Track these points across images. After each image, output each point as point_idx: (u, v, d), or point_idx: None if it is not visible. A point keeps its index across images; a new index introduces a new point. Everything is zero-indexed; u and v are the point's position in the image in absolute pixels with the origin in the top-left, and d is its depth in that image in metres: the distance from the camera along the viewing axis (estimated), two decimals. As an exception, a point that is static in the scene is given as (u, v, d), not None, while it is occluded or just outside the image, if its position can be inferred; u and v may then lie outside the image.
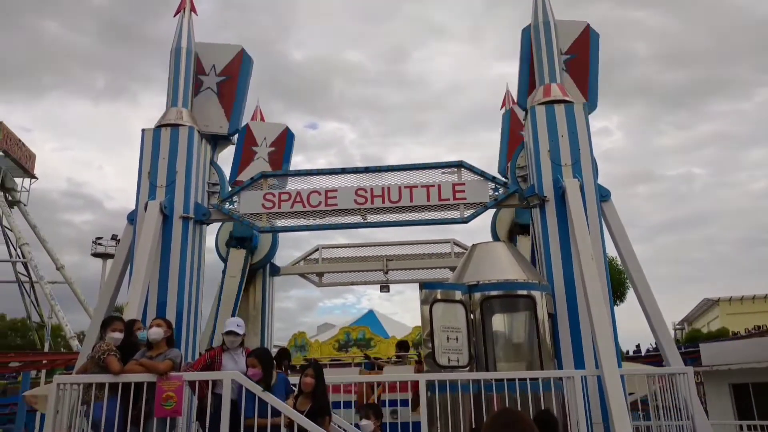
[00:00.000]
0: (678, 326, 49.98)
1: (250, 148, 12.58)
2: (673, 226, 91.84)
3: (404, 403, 8.39)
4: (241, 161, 12.44)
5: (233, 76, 10.16)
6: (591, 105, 9.69)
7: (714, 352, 13.84)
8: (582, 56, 9.96)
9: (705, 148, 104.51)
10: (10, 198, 36.82)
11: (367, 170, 9.77)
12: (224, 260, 13.19)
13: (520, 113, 12.83)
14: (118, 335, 6.48)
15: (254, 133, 12.79)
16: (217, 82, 10.12)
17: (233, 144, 11.03)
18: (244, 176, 11.45)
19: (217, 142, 10.23)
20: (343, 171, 9.80)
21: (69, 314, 35.84)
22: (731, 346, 14.71)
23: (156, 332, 6.34)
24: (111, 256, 37.52)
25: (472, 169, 9.51)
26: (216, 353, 6.71)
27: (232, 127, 10.05)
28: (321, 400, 6.18)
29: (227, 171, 10.81)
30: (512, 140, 12.89)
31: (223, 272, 13.17)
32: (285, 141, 12.94)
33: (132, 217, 9.20)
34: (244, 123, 14.42)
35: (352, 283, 15.03)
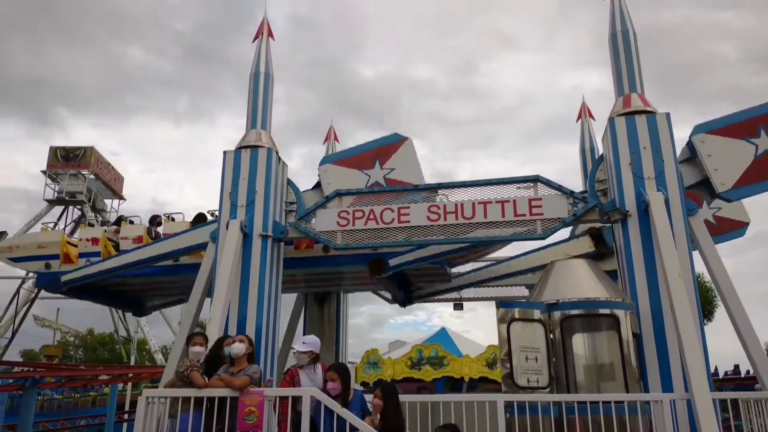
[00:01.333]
0: (772, 347, 46.72)
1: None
2: (765, 240, 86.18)
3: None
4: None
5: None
6: None
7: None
8: None
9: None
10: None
11: (440, 186, 9.73)
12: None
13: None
14: (200, 349, 6.72)
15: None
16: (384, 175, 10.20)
17: None
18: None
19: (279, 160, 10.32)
20: (416, 188, 9.80)
21: (153, 329, 37.57)
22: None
23: (238, 347, 6.53)
24: (191, 273, 39.06)
25: (548, 183, 9.28)
26: (293, 372, 6.82)
27: None
28: (391, 420, 6.13)
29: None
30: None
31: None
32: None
33: (214, 236, 9.55)
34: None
35: (425, 300, 14.94)
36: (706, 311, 25.65)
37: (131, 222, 12.78)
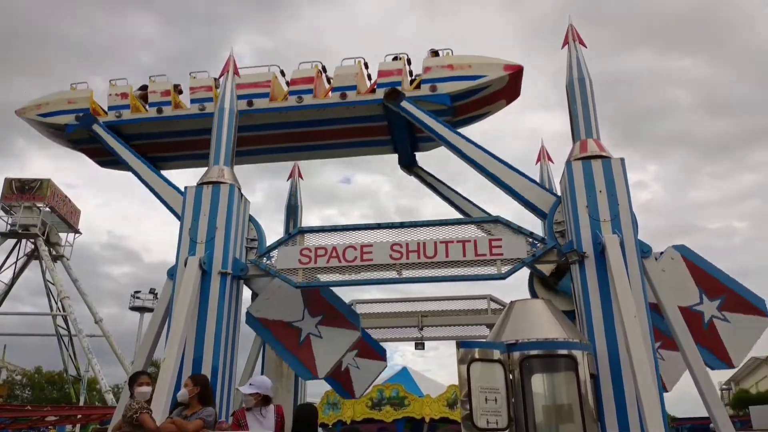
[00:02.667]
0: (725, 386, 47.71)
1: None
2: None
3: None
4: None
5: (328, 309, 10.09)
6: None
7: (765, 415, 13.12)
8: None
9: (746, 200, 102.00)
10: (54, 252, 37.96)
11: (402, 225, 9.81)
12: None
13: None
14: (146, 389, 6.50)
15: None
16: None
17: None
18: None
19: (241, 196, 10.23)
20: (379, 226, 9.86)
21: (105, 368, 36.25)
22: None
23: (182, 393, 6.41)
24: (149, 309, 38.10)
25: (508, 224, 9.46)
26: (239, 415, 6.62)
27: None
28: None
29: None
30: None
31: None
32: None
33: (172, 273, 9.37)
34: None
35: (386, 340, 14.83)
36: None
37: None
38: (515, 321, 8.30)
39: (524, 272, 11.42)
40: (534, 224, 11.17)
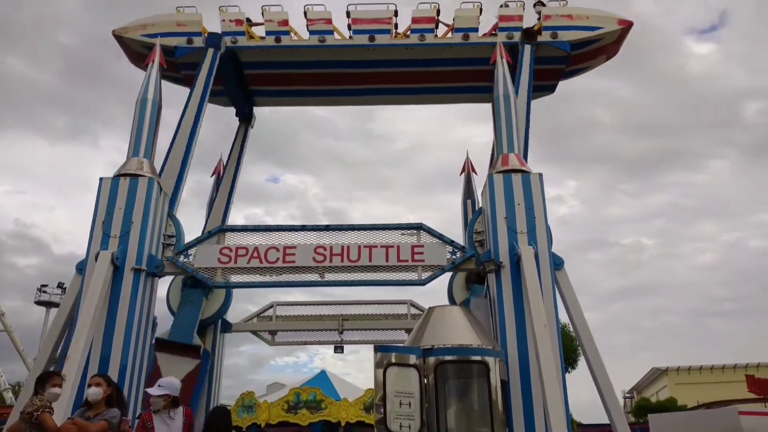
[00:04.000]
0: (627, 395, 50.32)
1: None
2: (624, 295, 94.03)
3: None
4: None
5: None
6: None
7: (662, 423, 13.98)
8: None
9: (656, 218, 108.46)
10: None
11: (327, 228, 9.80)
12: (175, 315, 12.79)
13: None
14: (58, 391, 6.15)
15: None
16: None
17: None
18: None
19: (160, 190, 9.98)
20: (303, 228, 9.80)
21: (5, 364, 34.04)
22: (678, 417, 14.89)
23: (95, 392, 6.03)
24: (56, 304, 36.09)
25: (431, 232, 9.65)
26: (146, 418, 6.37)
27: None
28: None
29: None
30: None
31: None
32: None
33: (81, 267, 8.95)
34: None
35: (306, 343, 14.74)
36: (570, 360, 27.24)
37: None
38: (432, 327, 8.45)
39: (444, 278, 11.68)
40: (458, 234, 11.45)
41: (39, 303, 40.84)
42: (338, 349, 14.14)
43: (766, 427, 11.56)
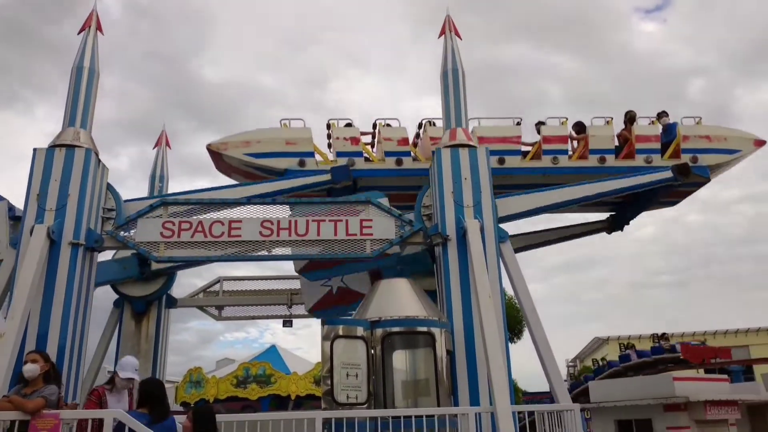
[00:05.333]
0: (571, 363, 52.25)
1: None
2: (569, 268, 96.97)
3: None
4: None
5: None
6: None
7: (601, 389, 14.56)
8: None
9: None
10: None
11: (274, 202, 9.67)
12: (118, 292, 12.48)
13: None
14: (32, 366, 5.96)
15: None
16: None
17: None
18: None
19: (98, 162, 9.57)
20: (249, 201, 9.65)
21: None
22: (617, 384, 15.55)
23: (31, 369, 5.85)
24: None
25: (379, 205, 9.65)
26: (101, 392, 6.27)
27: None
28: None
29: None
30: None
31: (117, 304, 12.46)
32: None
33: (15, 242, 8.58)
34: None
35: (254, 317, 14.66)
36: (515, 330, 28.04)
37: (388, 125, 11.33)
38: (379, 299, 8.55)
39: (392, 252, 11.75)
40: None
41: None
42: (287, 323, 14.16)
43: (698, 392, 12.20)
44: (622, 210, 12.68)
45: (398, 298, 8.51)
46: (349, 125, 11.39)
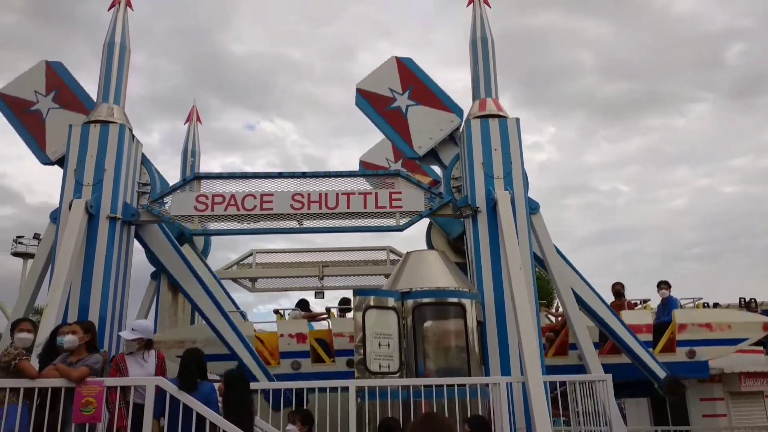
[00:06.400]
0: (602, 335, 51.90)
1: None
2: (600, 240, 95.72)
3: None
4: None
5: (62, 86, 10.02)
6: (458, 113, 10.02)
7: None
8: (418, 85, 10.19)
9: (633, 163, 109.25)
10: None
11: (305, 175, 9.74)
12: (156, 265, 12.75)
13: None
14: (26, 335, 6.22)
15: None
16: (53, 99, 9.99)
17: None
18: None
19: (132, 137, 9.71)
20: (281, 175, 9.74)
21: (-17, 317, 33.80)
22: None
23: (71, 340, 6.08)
24: (32, 255, 35.69)
25: (408, 178, 9.66)
26: (119, 360, 6.46)
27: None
28: (234, 408, 5.99)
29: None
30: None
31: (154, 276, 12.76)
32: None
33: (55, 216, 8.83)
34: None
35: (287, 289, 14.86)
36: (546, 302, 27.90)
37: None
38: (410, 271, 8.61)
39: (423, 225, 11.78)
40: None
41: (15, 254, 40.42)
42: (319, 294, 14.31)
43: (733, 364, 12.01)
44: None
45: (428, 270, 8.55)
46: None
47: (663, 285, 10.84)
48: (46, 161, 9.74)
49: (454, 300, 8.14)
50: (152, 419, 5.93)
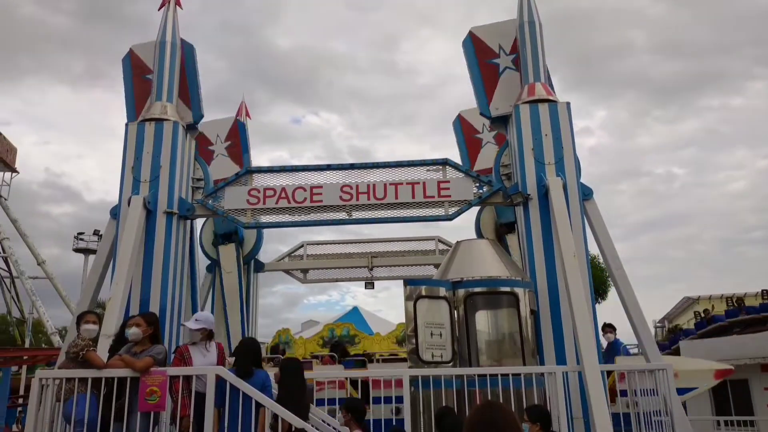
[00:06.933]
0: (659, 324, 50.52)
1: (206, 148, 12.19)
2: (655, 226, 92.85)
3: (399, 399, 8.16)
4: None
5: (181, 69, 10.08)
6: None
7: (693, 349, 14.05)
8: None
9: (688, 146, 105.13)
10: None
11: (352, 167, 9.79)
12: (210, 258, 13.15)
13: (470, 118, 12.78)
14: (92, 326, 6.47)
15: (205, 133, 12.32)
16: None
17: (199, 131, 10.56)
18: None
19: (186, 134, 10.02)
20: (329, 167, 9.82)
21: (50, 310, 35.44)
22: (710, 343, 14.94)
23: (134, 333, 6.31)
24: (93, 251, 37.12)
25: (456, 167, 9.59)
26: (183, 350, 6.65)
27: (195, 114, 9.97)
28: (287, 393, 6.10)
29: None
30: (469, 144, 12.93)
31: (209, 269, 13.14)
32: (238, 133, 12.93)
33: (115, 212, 9.16)
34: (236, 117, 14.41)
35: (337, 280, 15.05)
36: (599, 290, 27.34)
37: None
38: (461, 260, 8.55)
39: (471, 213, 11.68)
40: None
41: (77, 250, 42.06)
42: (369, 285, 14.43)
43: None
44: None
45: (480, 259, 8.48)
46: None
47: (608, 328, 10.13)
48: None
49: (507, 289, 8.05)
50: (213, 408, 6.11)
